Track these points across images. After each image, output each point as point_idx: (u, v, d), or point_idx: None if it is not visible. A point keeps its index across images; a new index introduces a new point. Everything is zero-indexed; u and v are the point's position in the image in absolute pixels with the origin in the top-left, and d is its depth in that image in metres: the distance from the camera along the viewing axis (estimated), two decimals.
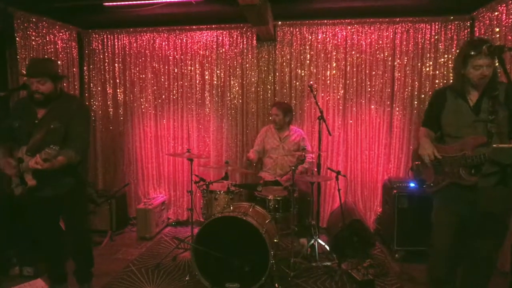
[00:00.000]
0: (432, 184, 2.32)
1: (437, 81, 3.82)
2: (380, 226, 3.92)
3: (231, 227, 2.80)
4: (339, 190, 3.16)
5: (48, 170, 2.23)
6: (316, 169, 3.43)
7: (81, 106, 2.59)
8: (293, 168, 3.02)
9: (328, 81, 4.01)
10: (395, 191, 3.40)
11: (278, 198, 3.21)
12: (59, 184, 2.42)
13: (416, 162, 2.48)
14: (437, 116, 2.30)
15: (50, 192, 2.41)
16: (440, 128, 2.32)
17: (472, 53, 2.04)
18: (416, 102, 3.88)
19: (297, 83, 4.07)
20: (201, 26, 4.17)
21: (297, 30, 4.00)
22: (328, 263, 3.24)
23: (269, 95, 4.18)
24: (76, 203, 2.58)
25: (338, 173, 3.18)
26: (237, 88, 4.19)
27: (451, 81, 3.72)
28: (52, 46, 3.86)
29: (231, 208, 3.02)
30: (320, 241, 3.41)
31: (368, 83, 3.95)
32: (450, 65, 3.75)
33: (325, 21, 3.93)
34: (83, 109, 2.58)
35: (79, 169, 2.55)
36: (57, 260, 2.73)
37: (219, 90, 4.23)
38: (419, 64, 3.84)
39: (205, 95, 4.26)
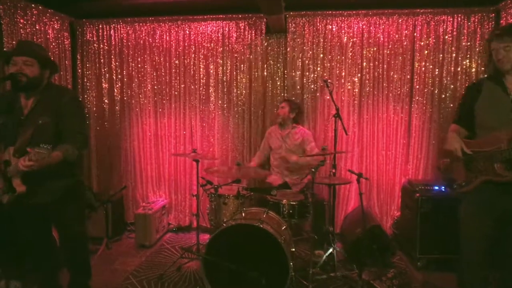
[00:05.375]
0: (463, 183, 2.14)
1: (458, 77, 3.60)
2: (398, 231, 3.67)
3: (245, 235, 2.53)
4: (361, 194, 2.90)
5: (41, 171, 1.94)
6: (335, 171, 3.17)
7: (72, 99, 2.28)
8: (312, 170, 2.75)
9: (343, 77, 3.75)
10: (418, 194, 3.17)
11: (293, 203, 2.94)
12: (52, 188, 2.13)
13: (444, 160, 2.32)
14: (469, 109, 2.16)
15: (43, 199, 2.12)
16: (472, 123, 2.17)
17: (488, 37, 2.13)
18: (436, 100, 3.65)
19: (309, 78, 3.79)
20: (205, 16, 3.87)
21: (310, 21, 3.73)
22: (347, 273, 2.98)
23: (278, 91, 3.90)
24: (71, 208, 2.29)
25: (360, 175, 2.90)
26: (245, 84, 3.90)
27: (473, 78, 3.55)
28: (42, 35, 3.52)
29: (243, 214, 2.75)
30: (338, 249, 3.16)
31: (386, 78, 3.71)
32: (474, 60, 3.54)
33: (340, 11, 3.67)
34: (75, 102, 2.28)
35: (75, 169, 2.26)
36: (50, 272, 2.45)
37: (225, 85, 3.93)
38: (440, 59, 3.61)
39: (210, 91, 3.96)
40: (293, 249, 2.78)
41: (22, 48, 2.14)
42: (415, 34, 3.63)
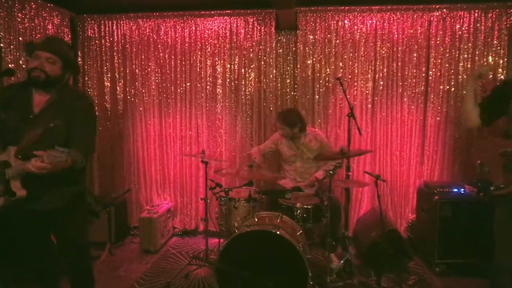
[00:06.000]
0: (502, 185, 2.02)
1: None
2: (413, 235, 3.54)
3: (259, 241, 2.40)
4: (379, 196, 2.75)
5: (45, 176, 1.78)
6: (351, 173, 3.02)
7: (88, 105, 2.13)
8: (330, 172, 2.60)
9: (356, 74, 3.61)
10: (436, 197, 3.04)
11: (308, 207, 2.80)
12: (58, 195, 1.97)
13: (479, 161, 2.17)
14: (500, 111, 2.08)
15: (45, 206, 1.95)
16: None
17: None
18: (452, 98, 3.52)
19: (321, 76, 3.65)
20: (212, 12, 3.70)
21: (321, 17, 3.58)
22: (365, 280, 2.84)
23: (288, 89, 3.76)
24: (73, 215, 2.13)
25: (378, 177, 2.76)
26: (253, 82, 3.74)
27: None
28: (41, 31, 3.35)
29: (256, 219, 2.61)
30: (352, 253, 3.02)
31: (400, 76, 3.57)
32: (491, 57, 3.42)
33: (353, 7, 3.53)
34: (90, 109, 2.13)
35: (81, 176, 2.11)
36: (50, 280, 2.30)
37: (232, 84, 3.78)
38: (456, 56, 3.48)
39: (217, 89, 3.80)
40: (309, 256, 2.65)
41: (48, 44, 1.99)
42: (430, 30, 3.50)
